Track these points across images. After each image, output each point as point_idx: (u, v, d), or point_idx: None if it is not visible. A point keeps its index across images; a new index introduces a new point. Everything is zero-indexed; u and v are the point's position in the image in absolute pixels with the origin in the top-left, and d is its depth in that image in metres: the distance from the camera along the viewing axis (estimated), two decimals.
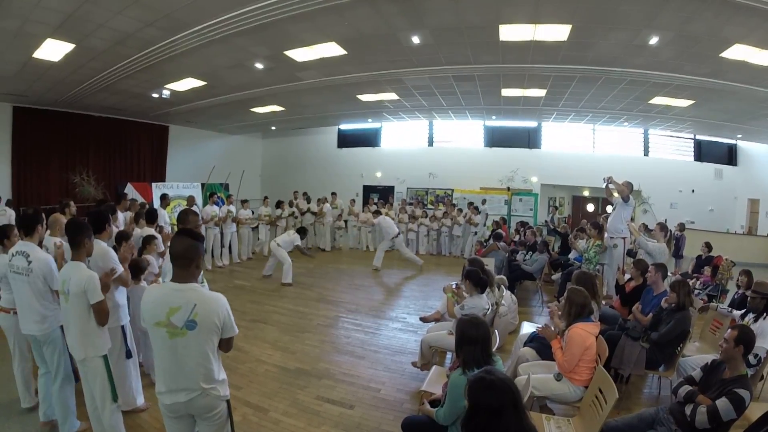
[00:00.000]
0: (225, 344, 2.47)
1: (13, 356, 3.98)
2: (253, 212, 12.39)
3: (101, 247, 3.63)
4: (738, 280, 6.14)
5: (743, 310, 4.95)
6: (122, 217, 7.64)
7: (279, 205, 13.00)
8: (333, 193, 15.06)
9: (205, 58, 8.77)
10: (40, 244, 3.97)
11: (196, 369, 2.33)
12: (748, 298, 4.78)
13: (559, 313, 4.12)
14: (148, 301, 2.41)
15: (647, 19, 6.53)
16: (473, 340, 2.82)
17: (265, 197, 13.39)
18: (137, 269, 4.33)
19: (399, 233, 11.03)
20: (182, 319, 2.28)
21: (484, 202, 14.57)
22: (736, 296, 6.00)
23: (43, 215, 4.07)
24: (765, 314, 4.42)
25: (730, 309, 5.52)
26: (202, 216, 10.28)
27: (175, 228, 9.99)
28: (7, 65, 8.76)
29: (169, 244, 2.83)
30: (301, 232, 10.14)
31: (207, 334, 2.32)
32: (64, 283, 3.10)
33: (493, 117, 16.08)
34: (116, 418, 3.20)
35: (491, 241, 10.07)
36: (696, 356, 4.63)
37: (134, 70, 9.24)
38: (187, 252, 2.39)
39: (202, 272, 3.51)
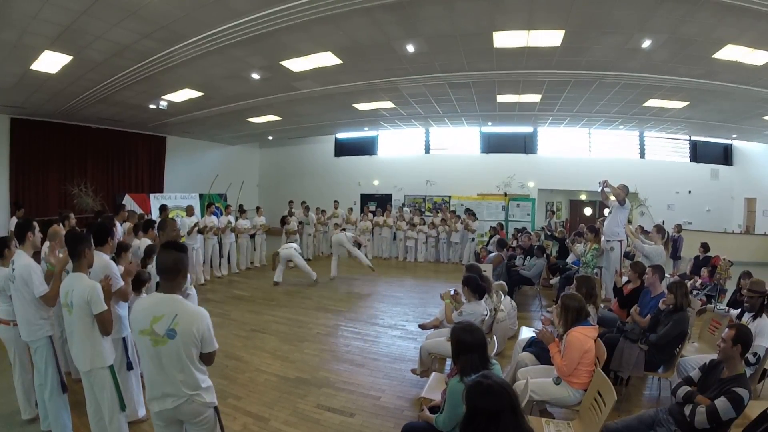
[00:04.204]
0: (206, 358, 2.51)
1: (13, 368, 4.00)
2: (250, 220, 12.39)
3: (103, 259, 3.65)
4: (742, 284, 6.13)
5: (739, 310, 4.98)
6: (120, 229, 7.64)
7: (284, 220, 12.91)
8: (335, 202, 15.11)
9: (201, 69, 8.81)
10: (37, 252, 4.00)
11: (178, 376, 2.40)
12: (744, 298, 4.79)
13: (558, 321, 4.11)
14: (136, 311, 2.52)
15: (640, 23, 6.58)
16: (469, 347, 2.83)
17: (258, 207, 13.38)
18: (138, 281, 4.32)
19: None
20: (164, 327, 2.36)
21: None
22: (738, 297, 6.01)
23: (35, 223, 4.08)
24: (762, 312, 4.44)
25: (727, 309, 5.54)
26: (199, 225, 10.30)
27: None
28: (5, 77, 8.77)
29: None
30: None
31: (186, 345, 2.38)
32: (66, 295, 3.12)
33: (489, 123, 16.13)
34: (123, 429, 3.20)
35: (491, 248, 10.10)
36: (696, 356, 4.64)
37: (131, 82, 9.26)
38: (176, 264, 2.50)
39: (189, 277, 3.54)
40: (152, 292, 2.96)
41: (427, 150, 18.55)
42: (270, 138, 19.14)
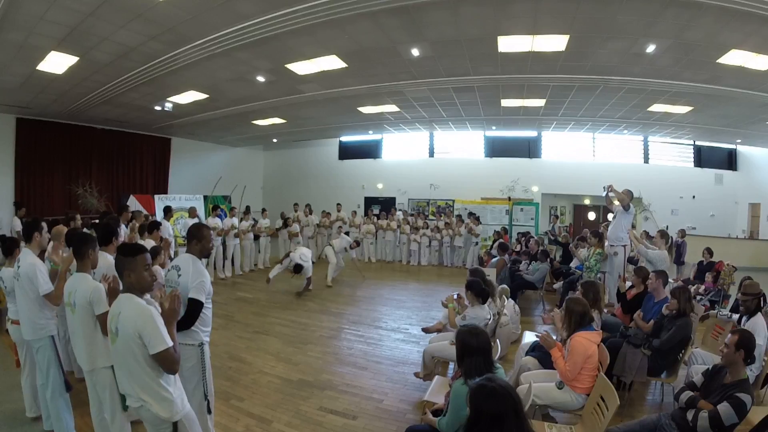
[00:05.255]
0: (159, 361, 2.41)
1: (23, 367, 4.03)
2: (255, 220, 12.40)
3: (108, 260, 3.66)
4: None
5: (738, 315, 4.97)
6: (123, 230, 7.65)
7: (286, 222, 12.94)
8: (338, 205, 15.14)
9: (207, 72, 8.86)
10: (42, 252, 4.01)
11: (128, 375, 2.44)
12: (740, 301, 4.79)
13: (561, 324, 4.11)
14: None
15: (644, 28, 6.59)
16: (473, 350, 2.84)
17: (264, 209, 13.39)
18: None
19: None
20: (114, 324, 2.44)
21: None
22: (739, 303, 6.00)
23: (43, 223, 4.10)
24: (757, 312, 4.43)
25: (730, 315, 5.53)
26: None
27: (179, 240, 10.04)
28: (11, 77, 8.84)
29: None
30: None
31: (129, 342, 2.39)
32: (70, 295, 3.13)
33: (493, 127, 16.13)
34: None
35: (494, 252, 10.08)
36: (707, 352, 4.66)
37: (137, 83, 9.32)
38: (116, 267, 2.64)
39: (210, 290, 3.39)
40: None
41: (432, 154, 18.58)
42: (274, 140, 19.19)
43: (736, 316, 5.17)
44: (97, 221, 8.19)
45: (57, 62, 7.98)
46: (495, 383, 2.10)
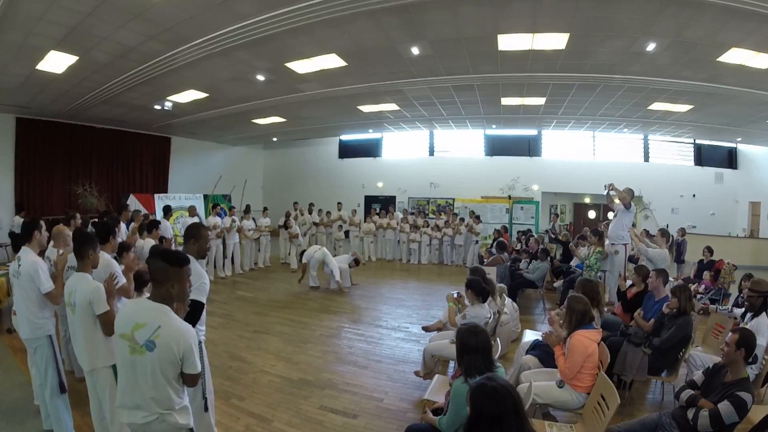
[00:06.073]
0: (187, 379, 2.36)
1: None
2: (255, 220, 12.37)
3: (104, 258, 3.66)
4: (743, 286, 6.12)
5: (743, 310, 4.96)
6: (124, 229, 7.65)
7: (287, 224, 12.92)
8: (339, 203, 15.14)
9: (206, 71, 8.86)
10: (42, 252, 4.01)
11: (150, 392, 2.27)
12: (746, 297, 4.78)
13: (561, 321, 4.11)
14: (122, 313, 2.41)
15: (644, 27, 6.59)
16: (473, 349, 2.84)
17: (265, 208, 13.39)
18: (140, 281, 4.31)
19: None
20: (144, 337, 2.23)
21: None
22: (740, 300, 5.99)
23: (42, 222, 4.08)
24: (762, 311, 4.42)
25: (730, 309, 5.52)
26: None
27: (179, 240, 10.03)
28: (11, 77, 8.85)
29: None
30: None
31: (162, 361, 2.24)
32: (70, 295, 3.12)
33: (493, 126, 16.13)
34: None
35: (494, 250, 10.09)
36: (706, 355, 4.66)
37: (136, 83, 9.33)
38: (155, 275, 2.37)
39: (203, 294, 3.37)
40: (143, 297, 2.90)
41: (432, 152, 18.58)
42: (274, 139, 19.22)
43: (737, 311, 5.16)
44: (96, 220, 8.19)
45: (56, 62, 7.99)
46: (495, 382, 2.10)
